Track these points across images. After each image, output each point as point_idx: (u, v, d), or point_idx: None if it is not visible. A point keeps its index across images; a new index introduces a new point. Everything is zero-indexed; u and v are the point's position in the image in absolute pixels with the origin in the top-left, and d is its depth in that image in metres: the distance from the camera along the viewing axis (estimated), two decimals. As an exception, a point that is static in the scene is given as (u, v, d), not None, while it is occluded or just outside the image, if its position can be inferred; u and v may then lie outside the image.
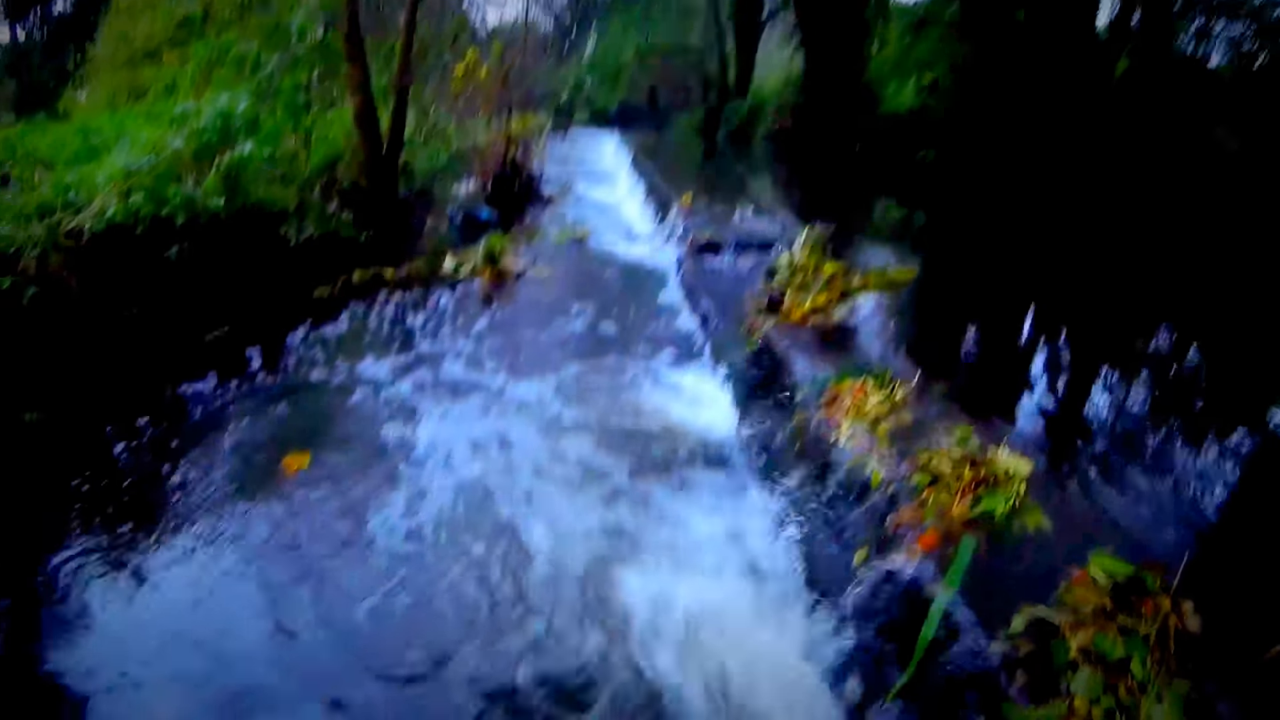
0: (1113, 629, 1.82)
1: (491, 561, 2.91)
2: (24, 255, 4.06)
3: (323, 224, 5.84)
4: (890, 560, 2.35)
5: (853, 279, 4.63)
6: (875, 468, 2.66)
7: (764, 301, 4.36)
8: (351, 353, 4.79)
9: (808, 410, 3.12)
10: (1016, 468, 2.44)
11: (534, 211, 9.10)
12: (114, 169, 4.61)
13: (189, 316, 4.69)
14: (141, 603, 2.83)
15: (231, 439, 3.79)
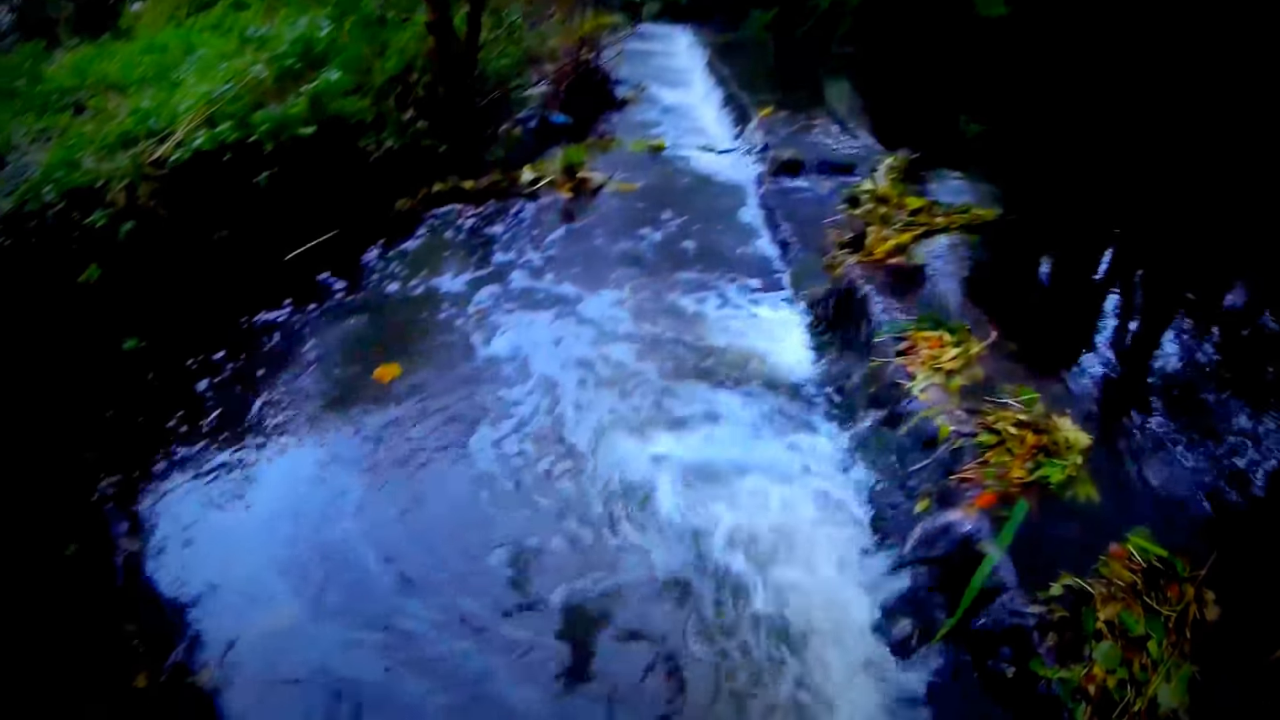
0: (1138, 607, 2.02)
1: (567, 472, 3.25)
2: (111, 188, 4.32)
3: (401, 136, 5.98)
4: (949, 513, 2.55)
5: (935, 215, 4.66)
6: (944, 422, 2.82)
7: (846, 236, 4.42)
8: (432, 266, 5.06)
9: (884, 355, 3.27)
10: (1076, 439, 2.60)
11: (608, 116, 9.06)
12: (195, 96, 4.80)
13: (273, 236, 4.97)
14: (242, 510, 3.27)
15: (320, 354, 4.18)
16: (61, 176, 4.20)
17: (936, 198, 5.11)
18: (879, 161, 5.91)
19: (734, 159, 6.99)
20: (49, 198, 4.14)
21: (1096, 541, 2.30)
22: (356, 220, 5.47)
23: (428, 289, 4.78)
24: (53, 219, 4.10)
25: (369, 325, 4.47)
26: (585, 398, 3.70)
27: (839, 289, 3.96)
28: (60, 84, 5.54)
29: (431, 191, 6.00)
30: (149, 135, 4.70)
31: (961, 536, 2.47)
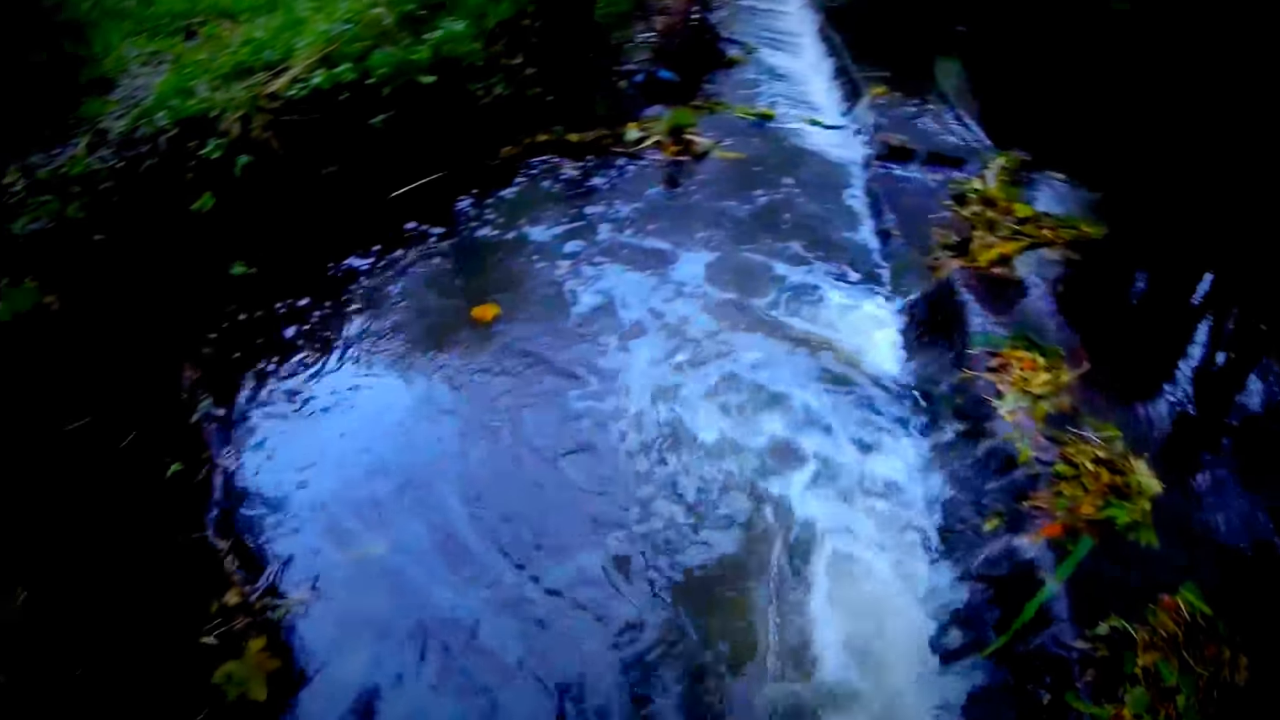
0: (1175, 660, 2.14)
1: (651, 428, 3.56)
2: (225, 118, 4.55)
3: (510, 83, 6.13)
4: (1016, 537, 2.68)
5: (1042, 227, 4.64)
6: (1025, 446, 2.93)
7: (951, 237, 4.45)
8: (532, 214, 5.27)
9: (975, 369, 3.36)
10: (1148, 485, 2.70)
11: (716, 76, 9.03)
12: (314, 33, 5.01)
13: (380, 174, 5.22)
14: (336, 437, 3.61)
15: (419, 290, 4.49)
16: (176, 104, 4.49)
17: (1043, 203, 5.06)
18: (989, 159, 5.84)
19: (842, 137, 6.95)
20: (163, 123, 4.43)
21: (1149, 589, 2.41)
22: (461, 164, 5.70)
23: (525, 235, 5.00)
24: (166, 145, 4.40)
25: (467, 266, 4.75)
26: (670, 361, 3.94)
27: (938, 292, 4.02)
28: (171, 7, 5.85)
29: (536, 141, 6.18)
30: (264, 68, 4.96)
31: (1024, 562, 2.60)
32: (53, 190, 4.04)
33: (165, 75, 4.78)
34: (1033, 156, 6.12)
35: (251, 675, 2.62)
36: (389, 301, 4.40)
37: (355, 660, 2.69)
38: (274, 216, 4.67)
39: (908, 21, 16.82)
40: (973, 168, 5.82)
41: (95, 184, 4.14)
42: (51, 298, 3.62)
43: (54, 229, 3.89)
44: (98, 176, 4.17)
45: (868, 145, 6.44)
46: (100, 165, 4.23)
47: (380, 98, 4.96)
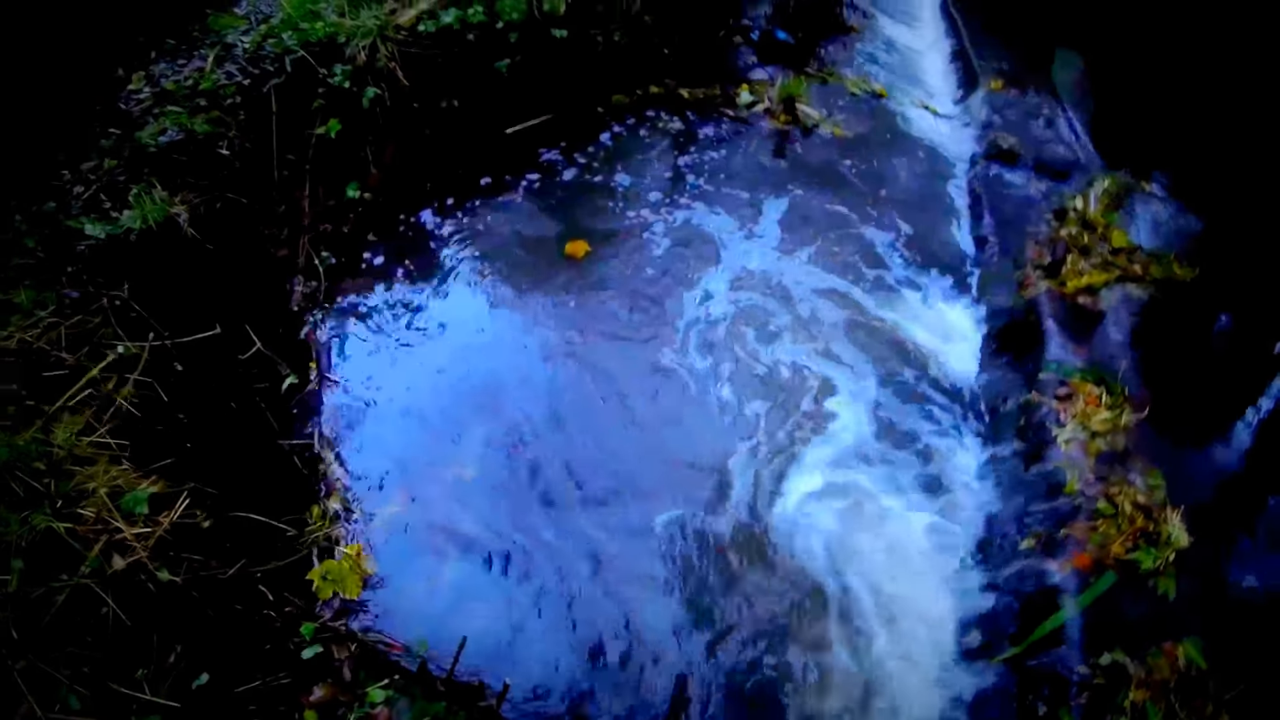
0: (1164, 703, 2.45)
1: (715, 388, 3.96)
2: (353, 44, 4.72)
3: (629, 31, 6.28)
4: (1047, 560, 2.99)
5: (1134, 262, 4.76)
6: (1074, 478, 3.20)
7: (1045, 255, 4.61)
8: (636, 164, 5.54)
9: (1044, 393, 3.62)
10: (1177, 538, 2.99)
11: (832, 41, 9.02)
12: None
13: (497, 110, 5.48)
14: (438, 357, 4.07)
15: (523, 225, 4.86)
16: (306, 26, 4.68)
17: (1141, 233, 5.15)
18: (1095, 177, 5.89)
19: (952, 127, 7.01)
20: (290, 43, 4.64)
21: (1155, 634, 2.72)
22: (574, 107, 5.96)
23: (626, 183, 5.30)
24: (292, 66, 4.62)
25: (567, 205, 5.08)
26: (746, 325, 4.29)
27: (1023, 311, 4.24)
28: None
29: (649, 92, 6.39)
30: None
31: (1049, 585, 2.91)
32: (179, 102, 4.29)
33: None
34: (1140, 178, 6.15)
35: (346, 576, 3.08)
36: (490, 234, 4.77)
37: (442, 571, 3.15)
38: (394, 143, 5.01)
39: (1034, 6, 16.20)
40: (1078, 183, 5.89)
41: (221, 100, 4.39)
42: (182, 208, 3.88)
43: (182, 141, 4.13)
44: (224, 92, 4.42)
45: (977, 141, 6.51)
46: (227, 81, 4.48)
47: (507, 42, 5.20)
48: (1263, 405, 4.04)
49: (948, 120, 7.18)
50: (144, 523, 2.73)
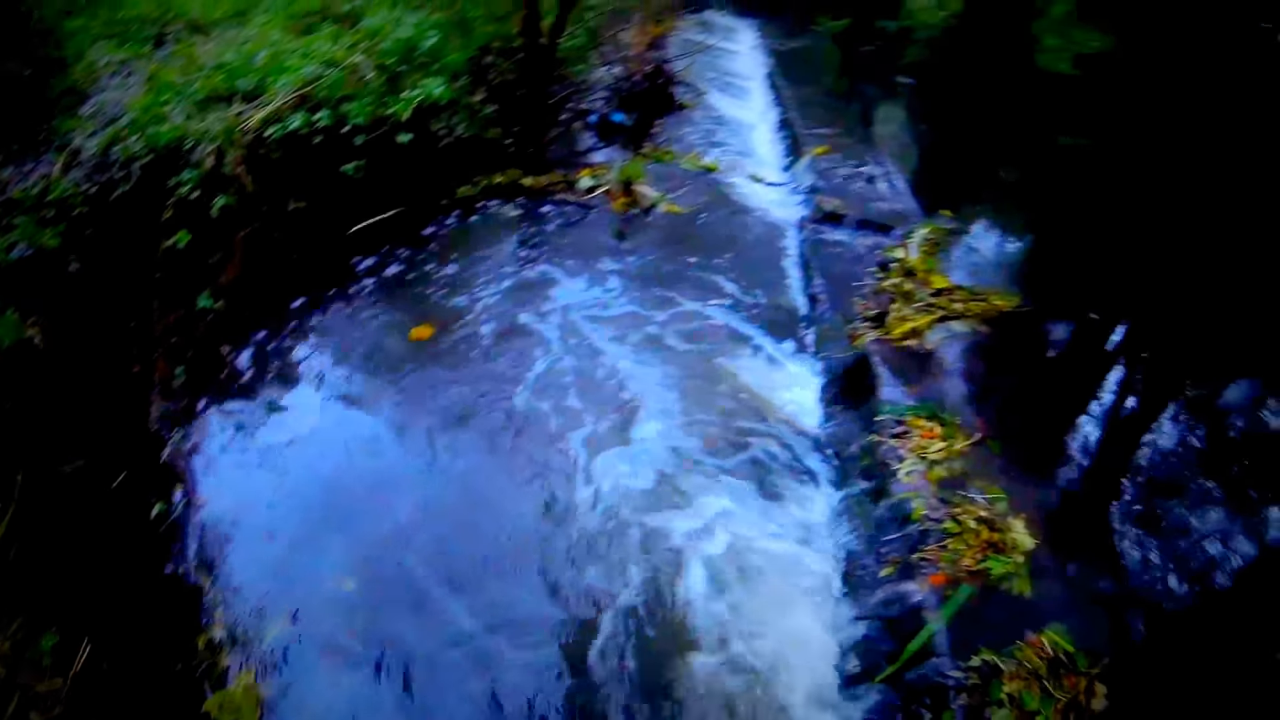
0: (1037, 687, 2.73)
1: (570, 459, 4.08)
2: (200, 150, 4.78)
3: (472, 123, 6.56)
4: (907, 584, 3.27)
5: (955, 301, 5.32)
6: (919, 505, 3.53)
7: (871, 308, 5.08)
8: (481, 253, 5.73)
9: (882, 434, 3.96)
10: (1022, 541, 3.34)
11: (666, 120, 9.64)
12: (291, 71, 5.29)
13: (342, 209, 5.61)
14: (293, 461, 4.04)
15: (370, 320, 4.94)
16: (152, 131, 4.68)
17: (960, 272, 5.79)
18: (914, 227, 6.55)
19: (781, 195, 7.60)
20: (136, 149, 4.62)
21: (1019, 629, 3.02)
22: (421, 201, 6.12)
23: (472, 269, 5.49)
24: (140, 172, 4.60)
25: (417, 296, 5.21)
26: (592, 396, 4.48)
27: (856, 361, 4.64)
28: (141, 12, 6.08)
29: (492, 182, 6.65)
30: (239, 97, 5.22)
31: (913, 605, 3.19)
32: (27, 212, 4.16)
33: (139, 95, 4.96)
34: (956, 221, 6.92)
35: (241, 704, 2.98)
36: (342, 331, 4.81)
37: (334, 688, 3.08)
38: (244, 250, 4.98)
39: (858, 69, 18.00)
40: (899, 234, 6.53)
41: (69, 210, 4.28)
42: (35, 330, 3.77)
43: (32, 257, 4.00)
44: (72, 201, 4.31)
45: (804, 206, 7.11)
46: (75, 190, 4.37)
47: (353, 145, 5.32)
48: (1090, 408, 4.65)
49: (776, 188, 7.79)
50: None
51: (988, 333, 5.11)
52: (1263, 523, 4.35)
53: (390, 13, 5.93)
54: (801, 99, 10.70)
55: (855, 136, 9.51)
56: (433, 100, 5.57)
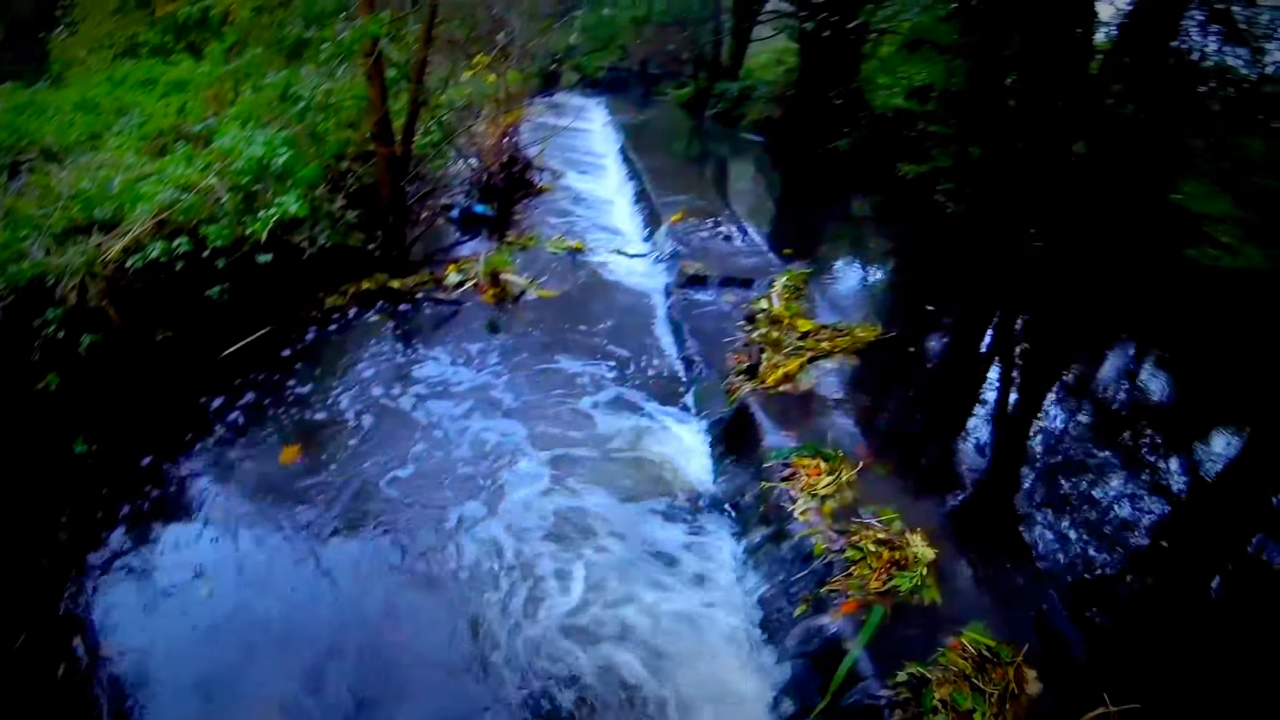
0: (967, 687, 2.86)
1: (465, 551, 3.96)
2: (63, 285, 4.59)
3: (333, 230, 6.50)
4: (821, 618, 3.36)
5: (821, 340, 5.62)
6: (819, 540, 3.66)
7: (743, 361, 5.28)
8: (354, 365, 5.57)
9: (772, 479, 4.09)
10: (924, 554, 3.49)
11: (528, 204, 9.86)
12: (150, 199, 5.13)
13: (211, 334, 5.42)
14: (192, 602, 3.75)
15: (243, 446, 4.70)
16: (12, 270, 4.47)
17: (823, 311, 6.14)
18: (775, 277, 6.91)
19: (646, 265, 7.87)
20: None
21: (938, 636, 3.15)
22: (289, 317, 5.98)
23: (344, 383, 5.32)
24: (3, 313, 4.36)
25: (290, 415, 4.98)
26: (486, 490, 4.37)
27: (736, 414, 4.79)
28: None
29: (360, 289, 6.56)
30: (98, 227, 5.01)
31: (831, 636, 3.28)
32: None
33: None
34: (815, 265, 7.37)
35: None
36: (219, 462, 4.54)
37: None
38: (112, 384, 4.74)
39: (706, 132, 19.01)
40: (762, 285, 6.87)
41: None
42: None
43: None
44: None
45: (669, 272, 7.37)
46: None
47: (216, 269, 5.18)
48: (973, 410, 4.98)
49: (641, 258, 8.06)
50: None
51: (856, 364, 5.43)
52: (1164, 474, 4.92)
53: (241, 131, 5.83)
54: (655, 168, 11.19)
55: (710, 198, 10.01)
56: (290, 217, 5.48)
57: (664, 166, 11.58)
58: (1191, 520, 4.61)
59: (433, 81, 8.52)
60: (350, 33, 6.22)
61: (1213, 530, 4.59)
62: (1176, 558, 4.23)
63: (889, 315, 6.87)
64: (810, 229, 10.74)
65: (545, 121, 13.65)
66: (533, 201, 10.00)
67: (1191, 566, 4.22)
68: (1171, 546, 4.26)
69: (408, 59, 7.53)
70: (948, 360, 6.64)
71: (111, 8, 12.22)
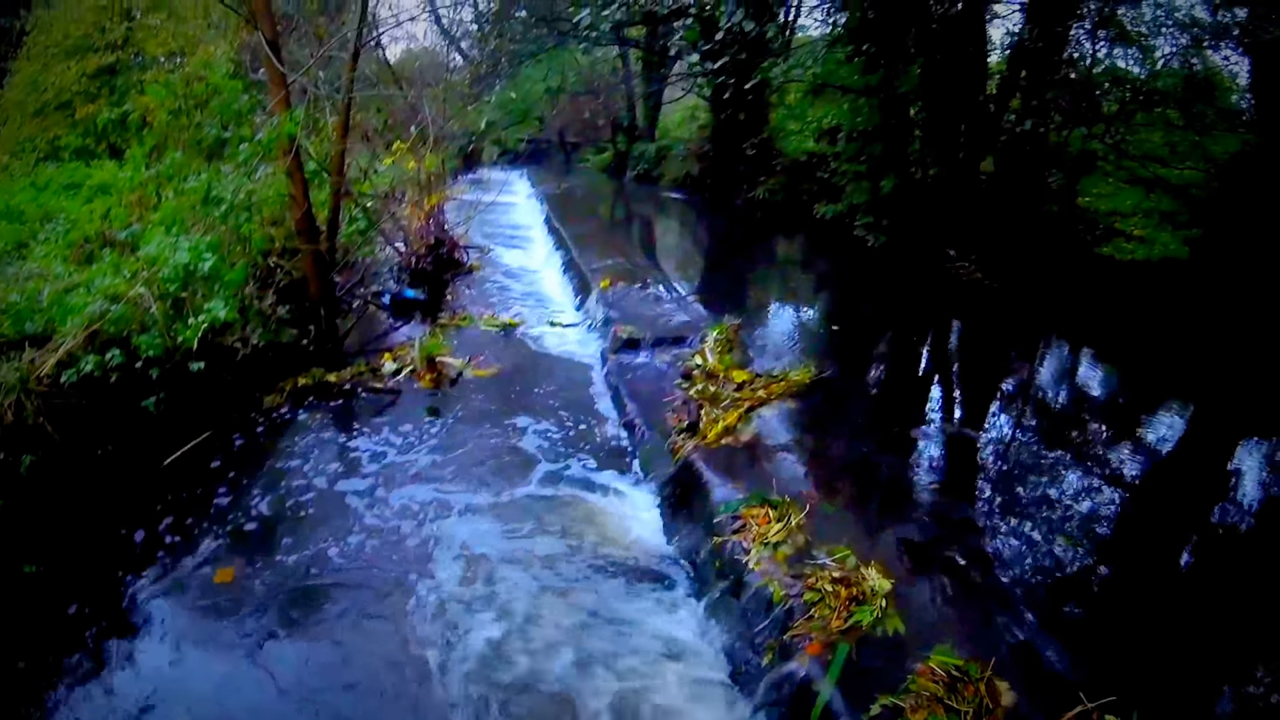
0: (940, 709, 2.93)
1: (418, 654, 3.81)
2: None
3: (265, 328, 6.45)
4: (788, 663, 3.41)
5: (758, 389, 5.76)
6: (776, 588, 3.72)
7: (683, 418, 5.38)
8: (296, 462, 5.41)
9: (723, 533, 4.16)
10: (880, 585, 3.58)
11: (458, 282, 9.91)
12: (80, 311, 5.04)
13: (151, 442, 5.26)
14: None
15: (187, 551, 4.52)
16: None
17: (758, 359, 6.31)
18: (706, 332, 7.07)
19: (579, 333, 7.97)
20: None
21: (906, 663, 3.21)
22: (227, 419, 5.87)
23: (288, 484, 5.16)
24: None
25: (229, 519, 4.80)
26: (445, 581, 4.26)
27: (681, 473, 4.87)
28: None
29: (297, 385, 6.47)
30: (28, 342, 4.92)
31: (800, 681, 3.32)
32: None
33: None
34: (744, 315, 7.60)
35: None
36: (162, 573, 4.32)
37: None
38: (55, 504, 4.59)
39: (628, 193, 19.46)
40: (695, 341, 7.01)
41: None
42: None
43: None
44: None
45: (603, 338, 7.47)
46: None
47: (150, 379, 5.10)
48: (919, 430, 5.14)
49: (574, 327, 8.16)
50: None
51: (795, 407, 5.58)
52: (1114, 466, 5.23)
53: (166, 237, 5.76)
54: (581, 235, 11.40)
55: (637, 259, 10.24)
56: (220, 322, 5.44)
57: (590, 232, 11.80)
58: (1149, 504, 4.87)
59: (353, 171, 8.65)
60: (267, 133, 6.28)
61: (1171, 509, 4.86)
62: (1139, 543, 4.45)
63: (822, 354, 7.10)
64: (737, 279, 11.04)
65: (470, 199, 13.79)
66: (463, 280, 10.07)
67: (1155, 549, 4.44)
68: (1132, 534, 4.49)
69: (327, 152, 7.63)
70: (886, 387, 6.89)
71: (32, 110, 12.16)
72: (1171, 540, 4.61)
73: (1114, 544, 4.39)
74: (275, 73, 6.45)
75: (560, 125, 27.20)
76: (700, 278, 11.25)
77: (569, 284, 9.65)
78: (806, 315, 9.34)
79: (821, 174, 14.18)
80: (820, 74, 11.43)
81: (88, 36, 12.73)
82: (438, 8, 19.67)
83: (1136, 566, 4.24)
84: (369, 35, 8.43)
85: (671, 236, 14.67)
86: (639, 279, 8.94)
